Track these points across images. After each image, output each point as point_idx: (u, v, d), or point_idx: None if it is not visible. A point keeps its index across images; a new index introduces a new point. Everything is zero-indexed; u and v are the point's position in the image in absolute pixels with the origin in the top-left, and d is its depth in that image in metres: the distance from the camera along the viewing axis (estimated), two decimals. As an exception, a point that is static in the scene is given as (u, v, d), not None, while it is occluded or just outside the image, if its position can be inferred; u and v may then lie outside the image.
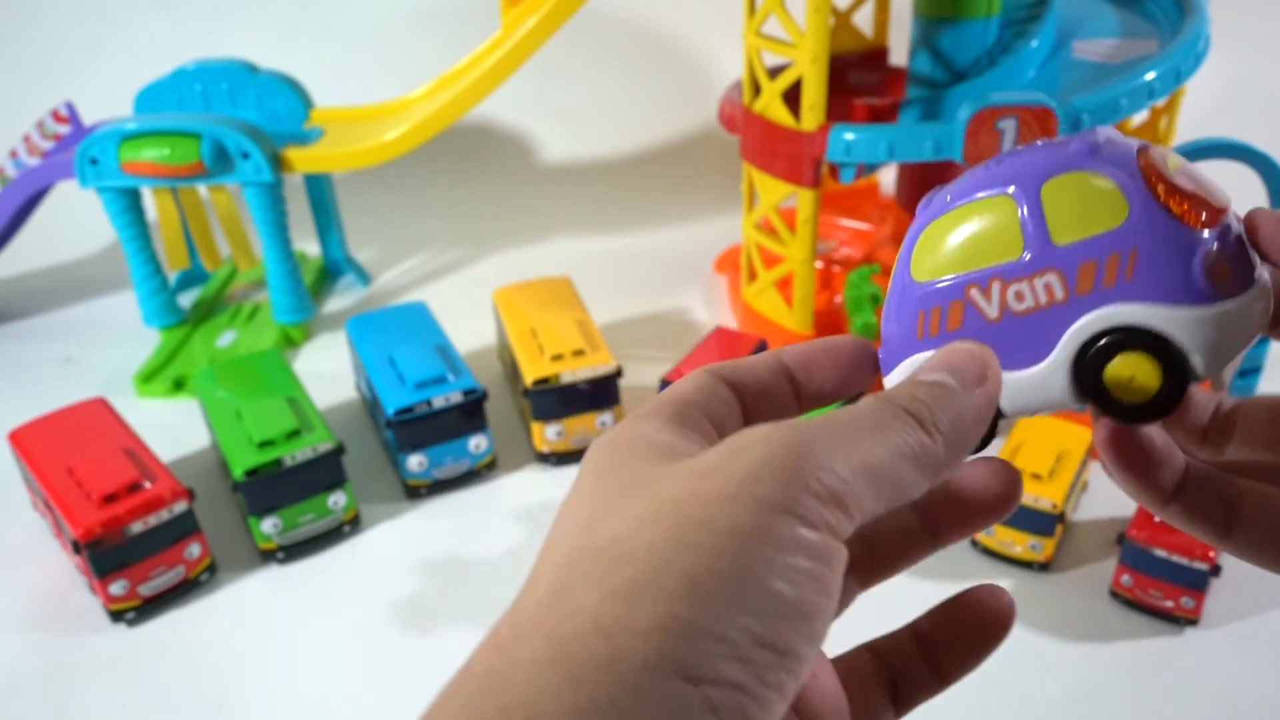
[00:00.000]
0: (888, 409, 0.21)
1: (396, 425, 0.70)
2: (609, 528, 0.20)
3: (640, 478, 0.21)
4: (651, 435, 0.22)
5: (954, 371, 0.23)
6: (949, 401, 0.22)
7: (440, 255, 1.08)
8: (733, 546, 0.18)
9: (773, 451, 0.20)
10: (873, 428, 0.21)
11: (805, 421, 0.21)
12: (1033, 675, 0.57)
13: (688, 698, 0.17)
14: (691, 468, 0.20)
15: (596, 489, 0.21)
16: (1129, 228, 0.22)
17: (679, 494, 0.20)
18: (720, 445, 0.21)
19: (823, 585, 0.19)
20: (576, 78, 1.28)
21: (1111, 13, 0.85)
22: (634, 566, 0.19)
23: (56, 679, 0.60)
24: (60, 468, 0.64)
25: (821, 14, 0.68)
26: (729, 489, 0.19)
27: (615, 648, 0.18)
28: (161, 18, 1.29)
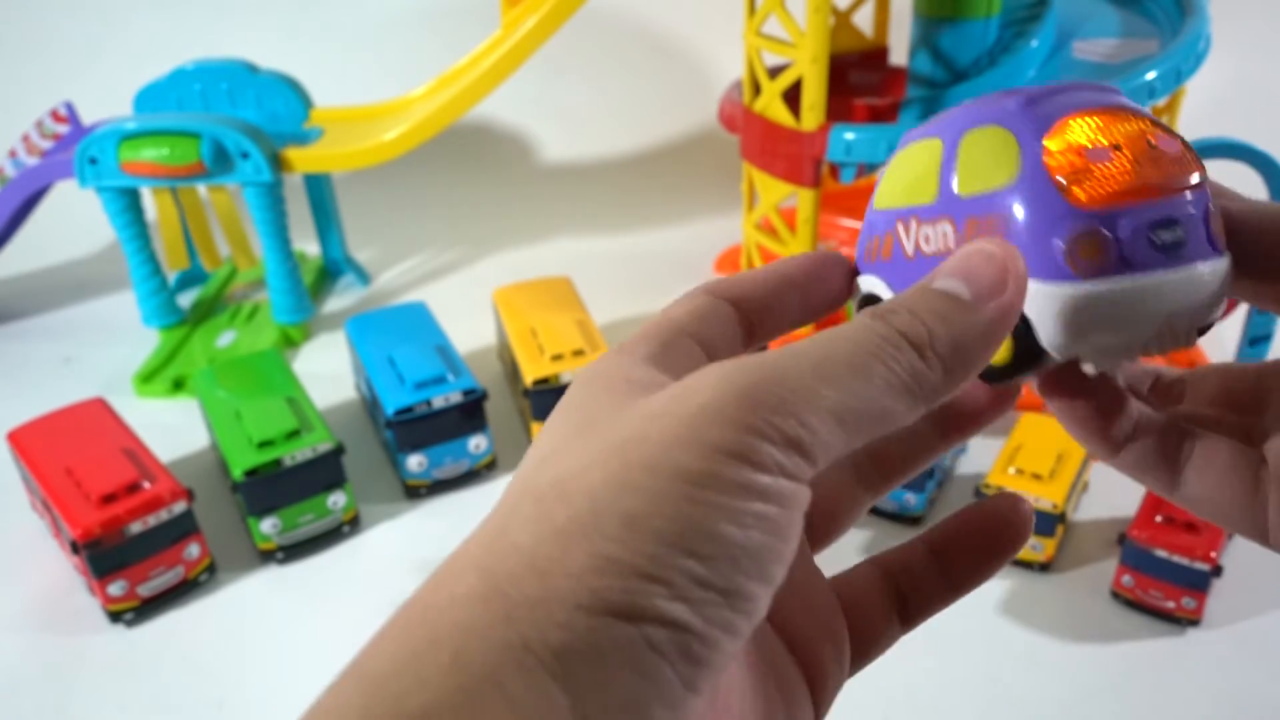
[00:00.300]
0: (876, 333, 0.20)
1: (396, 425, 0.70)
2: (556, 467, 0.20)
3: (597, 416, 0.20)
4: (625, 369, 0.22)
5: (969, 278, 0.20)
6: (956, 316, 0.20)
7: (440, 255, 1.08)
8: (675, 489, 0.18)
9: (725, 395, 0.19)
10: (853, 358, 0.19)
11: (769, 356, 0.19)
12: (1033, 675, 0.57)
13: (625, 635, 0.17)
14: (644, 408, 0.20)
15: (557, 425, 0.21)
16: (1011, 189, 0.22)
17: (626, 435, 0.19)
18: (675, 385, 0.20)
19: (776, 527, 0.19)
20: (576, 78, 1.28)
21: (1112, 13, 0.85)
22: (572, 507, 0.18)
23: (55, 680, 0.60)
24: (59, 468, 0.63)
25: (821, 14, 0.68)
26: (677, 431, 0.19)
27: (548, 587, 0.17)
28: (161, 17, 1.29)
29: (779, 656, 0.24)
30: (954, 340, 0.20)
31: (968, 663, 0.58)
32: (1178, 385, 0.27)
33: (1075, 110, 0.23)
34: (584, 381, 0.22)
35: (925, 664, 0.58)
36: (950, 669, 0.58)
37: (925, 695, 0.57)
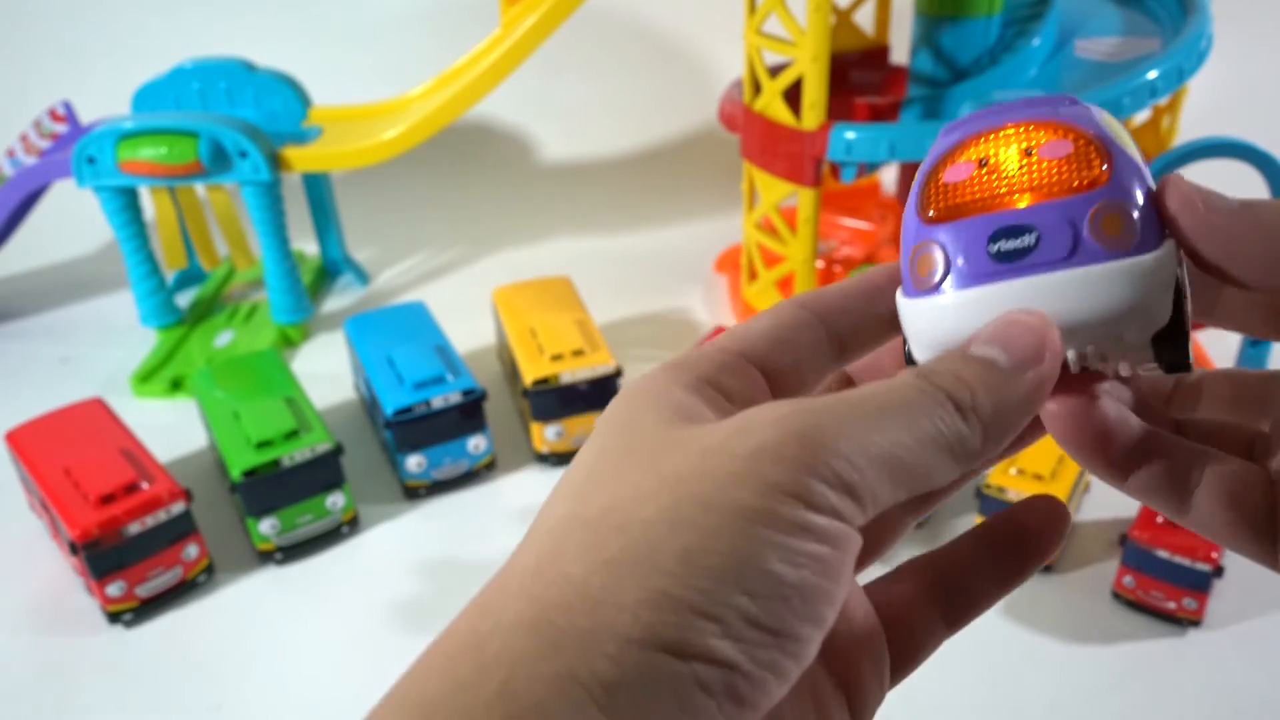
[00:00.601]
0: (924, 391, 0.20)
1: (395, 426, 0.70)
2: (606, 494, 0.19)
3: (645, 442, 0.20)
4: (674, 393, 0.21)
5: (1007, 347, 0.21)
6: (996, 384, 0.20)
7: (439, 255, 1.07)
8: (731, 526, 0.18)
9: (784, 435, 0.19)
10: (902, 412, 0.20)
11: (825, 402, 0.20)
12: (1034, 676, 0.57)
13: (674, 671, 0.17)
14: (699, 441, 0.20)
15: (601, 445, 0.21)
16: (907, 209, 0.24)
17: (681, 468, 0.19)
18: (732, 419, 0.20)
19: (828, 569, 0.19)
20: (576, 77, 1.28)
21: (1114, 11, 0.85)
22: (627, 538, 0.18)
23: (54, 680, 0.60)
24: (57, 468, 0.63)
25: (822, 12, 0.68)
26: (733, 468, 0.19)
27: (599, 618, 0.17)
28: (159, 16, 1.29)
29: (817, 678, 0.24)
30: (994, 405, 0.20)
31: (968, 663, 0.58)
32: (1194, 388, 0.27)
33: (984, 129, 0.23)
34: (629, 400, 0.22)
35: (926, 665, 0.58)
36: (951, 669, 0.58)
37: (926, 695, 0.56)
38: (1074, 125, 0.22)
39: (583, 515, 0.19)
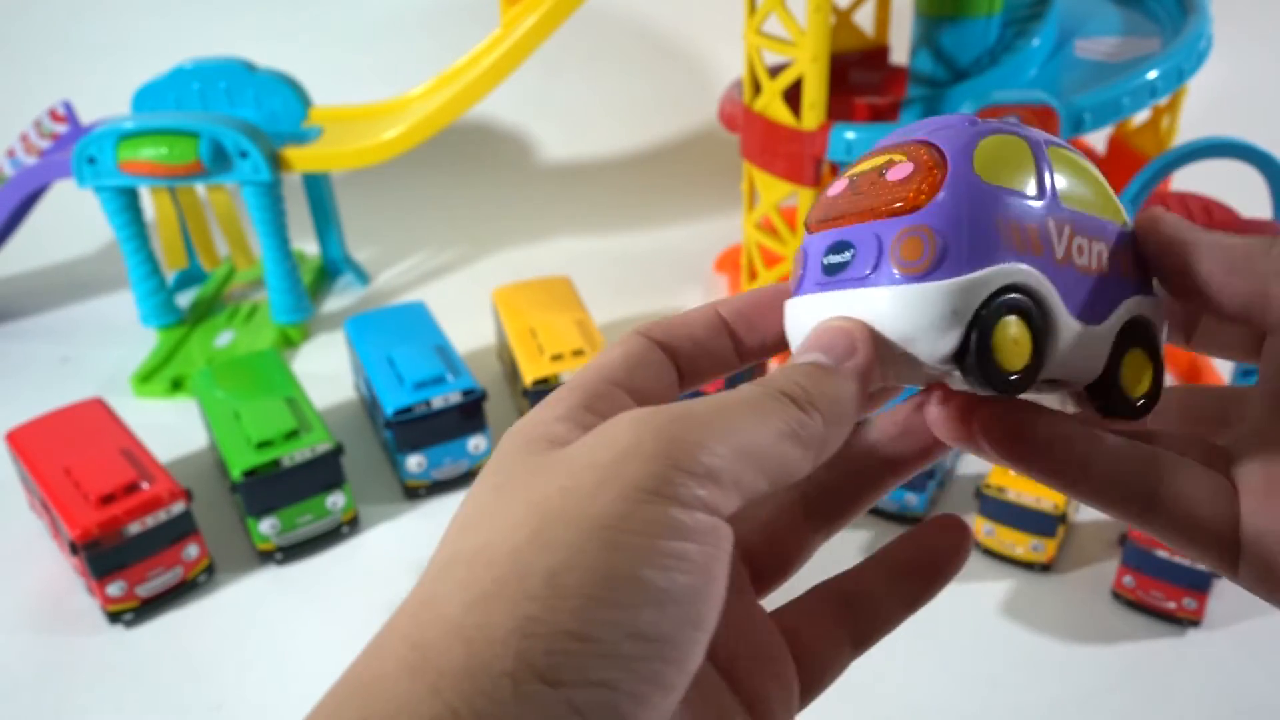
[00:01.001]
0: (764, 391, 0.21)
1: (395, 426, 0.70)
2: (482, 530, 0.20)
3: (519, 474, 0.20)
4: (546, 426, 0.22)
5: (826, 350, 0.22)
6: (822, 379, 0.22)
7: (439, 255, 1.08)
8: (595, 539, 0.18)
9: (641, 435, 0.19)
10: (749, 408, 0.21)
11: (679, 405, 0.20)
12: (1034, 676, 0.57)
13: (548, 702, 0.17)
14: (565, 460, 0.20)
15: (479, 488, 0.21)
16: None
17: (548, 489, 0.19)
18: (593, 432, 0.20)
19: (701, 568, 0.19)
20: (576, 77, 1.28)
21: (1113, 11, 0.85)
22: (497, 570, 0.18)
23: (54, 680, 0.60)
24: (58, 468, 0.63)
25: (822, 12, 0.68)
26: (595, 478, 0.19)
27: (474, 655, 0.17)
28: (159, 17, 1.29)
29: (724, 699, 0.23)
30: (825, 396, 0.22)
31: (969, 663, 0.58)
32: None
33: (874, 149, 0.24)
34: (506, 441, 0.22)
35: (926, 665, 0.58)
36: (951, 669, 0.58)
37: (926, 696, 0.56)
38: (931, 149, 0.23)
39: (460, 554, 0.19)
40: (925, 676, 0.57)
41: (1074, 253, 0.23)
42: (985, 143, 0.23)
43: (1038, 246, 0.22)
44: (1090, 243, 0.23)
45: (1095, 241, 0.23)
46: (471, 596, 0.18)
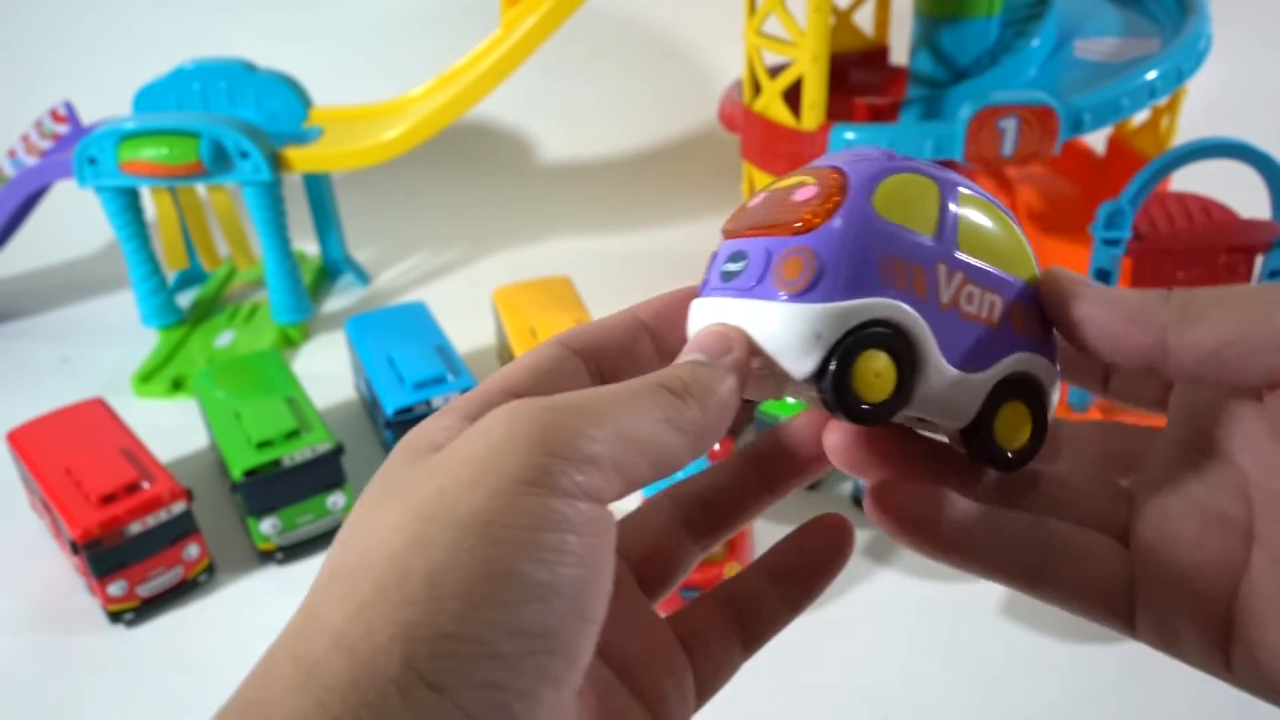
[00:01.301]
0: (643, 383, 0.22)
1: (396, 425, 0.70)
2: (361, 540, 0.19)
3: (401, 481, 0.20)
4: (431, 434, 0.22)
5: (703, 350, 0.23)
6: (701, 374, 0.22)
7: (439, 255, 1.08)
8: (473, 536, 0.18)
9: (516, 426, 0.19)
10: (629, 397, 0.21)
11: (559, 396, 0.21)
12: (1034, 676, 0.57)
13: (437, 707, 0.17)
14: (440, 460, 0.20)
15: (363, 500, 0.21)
16: None
17: (424, 492, 0.19)
18: (467, 431, 0.20)
19: (584, 559, 0.18)
20: (576, 77, 1.28)
21: (1113, 11, 0.85)
22: (376, 576, 0.18)
23: (55, 680, 0.60)
24: (58, 468, 0.63)
25: (822, 13, 0.68)
26: (470, 473, 0.19)
27: (359, 665, 0.17)
28: (160, 17, 1.29)
29: (620, 698, 0.24)
30: (702, 387, 0.22)
31: (968, 663, 0.58)
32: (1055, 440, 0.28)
33: (803, 168, 0.25)
34: (392, 454, 0.22)
35: (926, 665, 0.58)
36: (951, 669, 0.58)
37: (926, 696, 0.56)
38: (839, 176, 0.23)
39: (342, 566, 0.19)
40: (925, 676, 0.58)
41: (961, 300, 0.24)
42: (893, 179, 0.23)
43: (921, 288, 0.23)
44: (983, 293, 0.24)
45: (989, 293, 0.24)
46: (352, 607, 0.18)
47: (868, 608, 0.62)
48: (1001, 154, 0.69)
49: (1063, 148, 0.69)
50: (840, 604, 0.62)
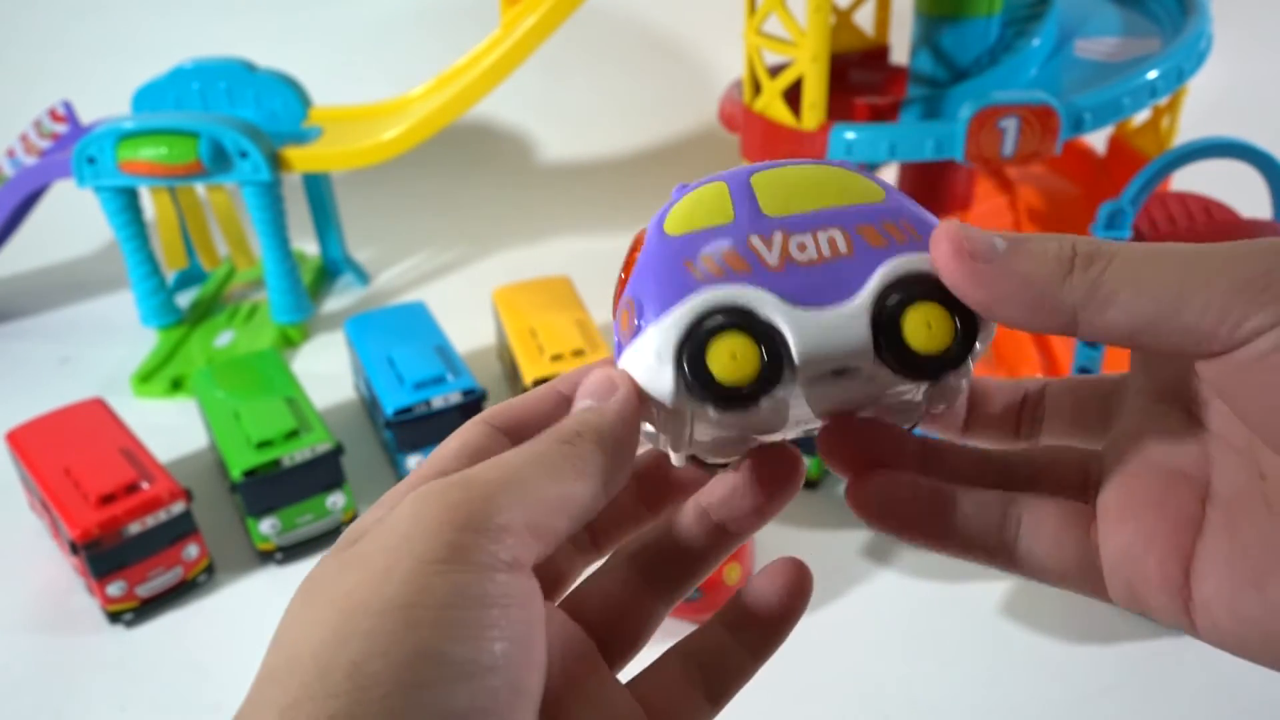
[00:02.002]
0: (538, 441, 0.22)
1: (395, 425, 0.70)
2: (288, 640, 0.19)
3: (321, 579, 0.20)
4: (362, 527, 0.22)
5: (590, 395, 0.24)
6: (591, 417, 0.23)
7: (439, 255, 1.07)
8: (393, 622, 0.18)
9: (424, 508, 0.19)
10: (528, 457, 0.21)
11: (458, 474, 0.21)
12: (1034, 676, 0.57)
13: None
14: (358, 551, 0.20)
15: (293, 599, 0.21)
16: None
17: (342, 585, 0.19)
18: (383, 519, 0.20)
19: (509, 630, 0.18)
20: (576, 77, 1.28)
21: (1113, 11, 0.85)
22: (300, 674, 0.18)
23: (54, 680, 0.60)
24: (58, 468, 0.63)
25: (822, 12, 0.68)
26: (385, 561, 0.19)
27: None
28: (159, 16, 1.29)
29: None
30: (595, 429, 0.23)
31: (968, 663, 0.58)
32: (1038, 404, 0.28)
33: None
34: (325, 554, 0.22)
35: (926, 665, 0.58)
36: (951, 670, 0.58)
37: (926, 696, 0.56)
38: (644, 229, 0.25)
39: (273, 668, 0.19)
40: (924, 676, 0.58)
41: (794, 252, 0.24)
42: (681, 203, 0.25)
43: (740, 265, 0.24)
44: (813, 236, 0.24)
45: (823, 232, 0.24)
46: (281, 707, 0.18)
47: (868, 608, 0.62)
48: (1002, 154, 0.69)
49: (1063, 147, 0.69)
50: (840, 604, 0.62)
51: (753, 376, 0.23)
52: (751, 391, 0.23)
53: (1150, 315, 0.21)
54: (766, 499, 0.27)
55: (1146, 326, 0.21)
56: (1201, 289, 0.20)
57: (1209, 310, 0.20)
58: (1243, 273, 0.20)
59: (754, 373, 0.23)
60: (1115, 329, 0.21)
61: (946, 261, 0.23)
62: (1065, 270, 0.22)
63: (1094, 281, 0.21)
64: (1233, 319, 0.20)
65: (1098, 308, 0.21)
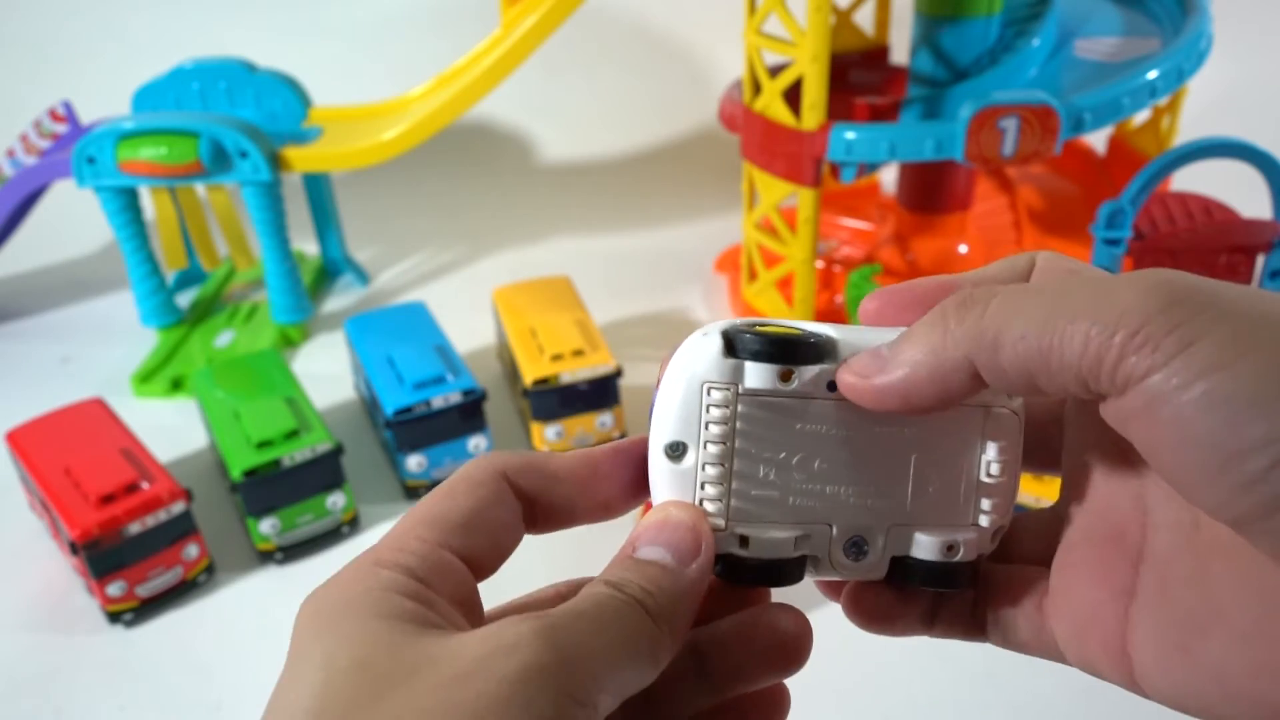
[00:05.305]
0: (625, 607, 0.21)
1: (395, 425, 0.70)
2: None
3: (384, 662, 0.19)
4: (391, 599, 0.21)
5: (670, 547, 0.23)
6: (670, 586, 0.22)
7: (439, 255, 1.07)
8: None
9: (539, 657, 0.19)
10: (618, 629, 0.21)
11: (560, 621, 0.20)
12: (1034, 676, 0.57)
13: None
14: (453, 661, 0.19)
15: (331, 666, 0.20)
16: None
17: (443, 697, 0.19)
18: (481, 635, 0.20)
19: None
20: (576, 77, 1.28)
21: (1113, 11, 0.85)
22: None
23: (54, 680, 0.60)
24: (58, 468, 0.63)
25: (822, 12, 0.68)
26: (500, 693, 0.19)
27: None
28: (159, 16, 1.29)
29: None
30: (672, 603, 0.22)
31: (968, 663, 0.58)
32: None
33: None
34: (343, 609, 0.21)
35: (926, 664, 0.58)
36: (951, 669, 0.58)
37: (925, 695, 0.56)
38: None
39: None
40: (924, 676, 0.57)
41: None
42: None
43: None
44: None
45: None
46: None
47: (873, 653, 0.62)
48: (1002, 154, 0.69)
49: (1063, 147, 0.69)
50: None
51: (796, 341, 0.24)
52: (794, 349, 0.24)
53: (1035, 355, 0.20)
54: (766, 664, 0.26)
55: (1039, 368, 0.21)
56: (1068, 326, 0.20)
57: (1087, 350, 0.20)
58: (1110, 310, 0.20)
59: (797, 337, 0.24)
60: (1013, 372, 0.21)
61: (852, 391, 0.23)
62: (943, 328, 0.22)
63: (975, 327, 0.21)
64: (1110, 360, 0.19)
65: (988, 353, 0.21)
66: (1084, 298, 0.20)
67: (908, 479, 0.25)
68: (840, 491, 0.25)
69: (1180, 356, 0.19)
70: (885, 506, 0.25)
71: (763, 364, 0.24)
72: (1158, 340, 0.19)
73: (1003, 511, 0.25)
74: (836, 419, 0.24)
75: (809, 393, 0.24)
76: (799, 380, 0.24)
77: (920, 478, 0.25)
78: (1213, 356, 0.18)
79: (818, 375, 0.24)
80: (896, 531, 0.25)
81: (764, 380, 0.24)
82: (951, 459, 0.25)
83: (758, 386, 0.24)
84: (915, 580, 0.25)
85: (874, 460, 0.25)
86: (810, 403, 0.24)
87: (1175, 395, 0.19)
